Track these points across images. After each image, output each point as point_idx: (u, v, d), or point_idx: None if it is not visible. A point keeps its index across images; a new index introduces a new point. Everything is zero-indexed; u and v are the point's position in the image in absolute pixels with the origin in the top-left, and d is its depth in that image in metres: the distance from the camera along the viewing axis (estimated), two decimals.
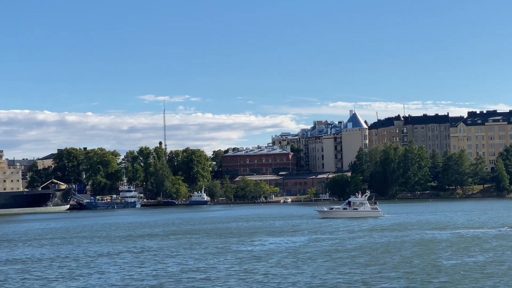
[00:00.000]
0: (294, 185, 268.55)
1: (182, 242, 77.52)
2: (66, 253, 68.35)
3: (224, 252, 64.47)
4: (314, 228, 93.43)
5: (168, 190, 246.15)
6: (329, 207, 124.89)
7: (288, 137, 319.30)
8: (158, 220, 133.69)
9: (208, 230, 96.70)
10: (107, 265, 57.33)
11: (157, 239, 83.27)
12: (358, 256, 58.32)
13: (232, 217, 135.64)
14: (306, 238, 77.11)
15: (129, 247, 73.11)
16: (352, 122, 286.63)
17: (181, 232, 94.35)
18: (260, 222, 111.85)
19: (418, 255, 58.23)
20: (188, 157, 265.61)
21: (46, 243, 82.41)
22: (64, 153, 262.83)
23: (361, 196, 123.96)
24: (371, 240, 72.10)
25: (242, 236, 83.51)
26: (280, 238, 79.25)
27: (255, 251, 64.60)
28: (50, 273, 53.68)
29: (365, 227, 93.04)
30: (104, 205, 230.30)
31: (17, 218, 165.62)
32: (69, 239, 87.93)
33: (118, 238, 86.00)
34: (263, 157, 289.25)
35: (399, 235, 77.58)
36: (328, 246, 66.86)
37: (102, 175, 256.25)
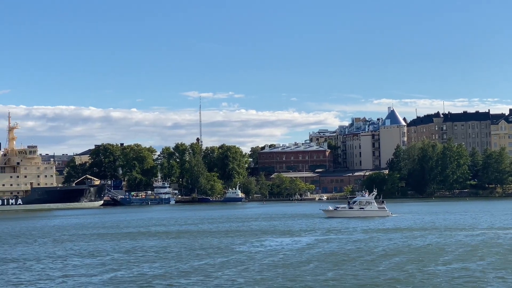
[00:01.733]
0: (330, 183, 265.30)
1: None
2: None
3: (206, 255, 61.07)
4: (306, 229, 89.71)
5: (203, 187, 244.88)
6: (335, 206, 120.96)
7: (326, 134, 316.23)
8: (173, 217, 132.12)
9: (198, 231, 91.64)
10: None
11: (154, 238, 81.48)
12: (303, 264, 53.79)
13: (241, 216, 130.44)
14: (289, 240, 72.86)
15: (114, 244, 71.41)
16: (390, 119, 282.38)
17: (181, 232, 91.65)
18: (258, 222, 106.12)
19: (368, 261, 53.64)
20: (223, 154, 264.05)
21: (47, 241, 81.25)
22: (101, 149, 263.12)
23: (368, 195, 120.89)
24: (339, 246, 66.13)
25: (226, 238, 78.32)
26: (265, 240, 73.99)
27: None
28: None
29: (361, 228, 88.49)
30: (138, 201, 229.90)
31: (47, 214, 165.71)
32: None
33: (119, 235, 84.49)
34: (300, 154, 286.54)
35: (382, 238, 73.21)
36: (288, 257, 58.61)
37: (137, 171, 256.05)
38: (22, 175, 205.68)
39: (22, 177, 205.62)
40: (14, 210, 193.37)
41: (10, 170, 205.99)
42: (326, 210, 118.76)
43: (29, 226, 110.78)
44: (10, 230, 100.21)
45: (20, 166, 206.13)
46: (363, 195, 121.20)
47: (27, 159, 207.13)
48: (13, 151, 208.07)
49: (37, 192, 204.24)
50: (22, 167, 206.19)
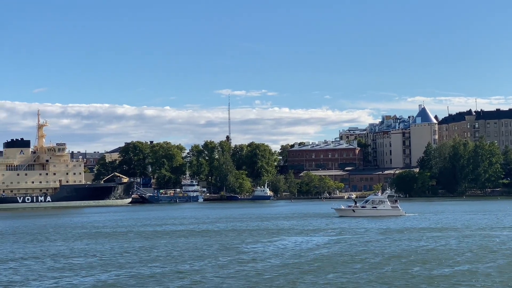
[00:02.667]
0: (360, 181, 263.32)
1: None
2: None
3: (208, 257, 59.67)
4: (311, 229, 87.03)
5: (231, 185, 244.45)
6: (347, 205, 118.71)
7: (356, 132, 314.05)
8: (193, 216, 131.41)
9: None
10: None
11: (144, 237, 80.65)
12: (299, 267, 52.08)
13: (258, 214, 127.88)
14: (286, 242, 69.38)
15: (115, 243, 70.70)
16: (421, 117, 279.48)
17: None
18: (266, 222, 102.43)
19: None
20: (252, 152, 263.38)
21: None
22: (130, 147, 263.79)
23: (382, 194, 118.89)
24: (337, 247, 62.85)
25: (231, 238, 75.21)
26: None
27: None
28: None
29: (365, 228, 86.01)
30: (167, 199, 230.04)
31: (76, 211, 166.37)
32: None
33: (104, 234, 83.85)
34: (329, 152, 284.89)
35: (385, 239, 70.37)
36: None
37: (166, 169, 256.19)
38: (51, 172, 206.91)
39: (51, 175, 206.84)
40: (43, 207, 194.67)
41: (39, 168, 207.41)
42: (338, 209, 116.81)
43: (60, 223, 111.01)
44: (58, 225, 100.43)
45: (49, 164, 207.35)
46: (376, 194, 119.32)
47: (56, 157, 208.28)
48: (42, 148, 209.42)
49: (65, 189, 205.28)
50: (51, 164, 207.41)
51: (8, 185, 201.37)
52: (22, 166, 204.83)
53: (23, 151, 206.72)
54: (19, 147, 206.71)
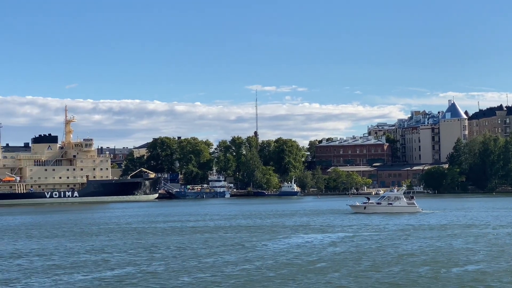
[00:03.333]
0: (388, 177, 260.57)
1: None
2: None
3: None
4: (320, 226, 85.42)
5: (259, 181, 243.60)
6: (362, 202, 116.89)
7: (385, 128, 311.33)
8: (216, 212, 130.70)
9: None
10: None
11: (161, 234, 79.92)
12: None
13: (263, 211, 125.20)
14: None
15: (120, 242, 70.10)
16: (451, 112, 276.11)
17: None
18: (280, 219, 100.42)
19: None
20: (279, 147, 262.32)
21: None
22: (158, 142, 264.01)
23: (397, 190, 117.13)
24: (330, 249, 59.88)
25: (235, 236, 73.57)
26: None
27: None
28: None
29: (376, 225, 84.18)
30: (193, 194, 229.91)
31: (102, 207, 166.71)
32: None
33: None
34: (357, 147, 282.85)
35: (392, 237, 68.45)
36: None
37: (194, 165, 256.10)
38: (78, 168, 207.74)
39: (78, 170, 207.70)
40: (70, 202, 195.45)
41: (66, 163, 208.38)
42: (353, 205, 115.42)
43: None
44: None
45: (76, 159, 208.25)
46: (392, 191, 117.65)
47: (83, 152, 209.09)
48: (69, 144, 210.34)
49: (92, 184, 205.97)
50: (78, 160, 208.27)
51: (36, 180, 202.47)
52: (50, 161, 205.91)
53: (51, 146, 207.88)
54: (47, 143, 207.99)
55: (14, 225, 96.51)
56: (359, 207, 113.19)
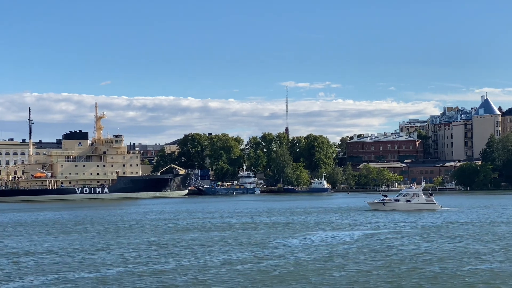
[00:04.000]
0: (420, 174, 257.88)
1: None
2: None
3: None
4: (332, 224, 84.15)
5: (289, 177, 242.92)
6: (380, 199, 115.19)
7: (417, 124, 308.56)
8: (240, 208, 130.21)
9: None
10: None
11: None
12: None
13: (279, 208, 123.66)
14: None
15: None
16: (484, 108, 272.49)
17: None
18: (293, 216, 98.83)
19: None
20: (310, 144, 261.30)
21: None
22: (189, 139, 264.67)
23: (416, 187, 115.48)
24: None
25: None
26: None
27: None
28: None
29: (390, 223, 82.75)
30: (223, 190, 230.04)
31: (133, 203, 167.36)
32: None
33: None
34: (389, 144, 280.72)
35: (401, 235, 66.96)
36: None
37: (224, 161, 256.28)
38: (108, 164, 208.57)
39: (108, 166, 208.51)
40: (100, 198, 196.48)
41: (97, 159, 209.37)
42: (371, 202, 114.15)
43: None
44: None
45: (106, 155, 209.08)
46: (410, 187, 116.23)
47: (113, 148, 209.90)
48: (100, 140, 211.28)
49: (122, 181, 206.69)
50: (109, 156, 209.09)
51: (66, 176, 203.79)
52: (80, 157, 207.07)
53: (81, 143, 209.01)
54: (78, 139, 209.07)
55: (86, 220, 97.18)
56: (377, 204, 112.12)
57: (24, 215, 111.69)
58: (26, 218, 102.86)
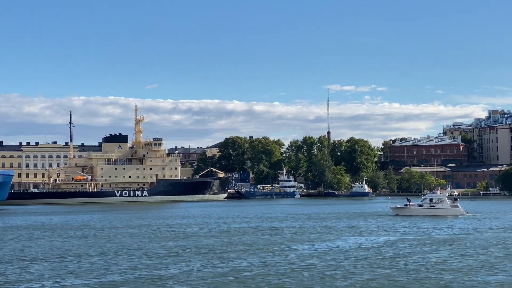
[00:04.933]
0: (463, 178, 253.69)
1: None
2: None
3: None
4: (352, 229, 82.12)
5: (329, 181, 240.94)
6: (403, 204, 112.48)
7: (461, 127, 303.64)
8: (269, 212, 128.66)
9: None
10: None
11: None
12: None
13: (303, 214, 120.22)
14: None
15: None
16: None
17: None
18: (314, 223, 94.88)
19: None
20: (351, 147, 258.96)
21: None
22: (229, 142, 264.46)
23: (441, 192, 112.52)
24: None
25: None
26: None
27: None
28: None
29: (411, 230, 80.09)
30: (263, 194, 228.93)
31: (172, 205, 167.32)
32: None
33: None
34: (432, 147, 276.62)
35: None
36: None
37: (265, 164, 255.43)
38: (147, 167, 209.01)
39: (147, 169, 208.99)
40: (140, 201, 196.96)
41: (136, 162, 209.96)
42: (394, 207, 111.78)
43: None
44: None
45: (146, 158, 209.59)
46: (434, 192, 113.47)
47: (152, 152, 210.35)
48: (139, 143, 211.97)
49: (162, 184, 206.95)
50: (148, 159, 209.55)
51: (106, 179, 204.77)
52: (120, 160, 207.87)
53: (121, 146, 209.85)
54: (118, 142, 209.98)
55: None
56: (400, 209, 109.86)
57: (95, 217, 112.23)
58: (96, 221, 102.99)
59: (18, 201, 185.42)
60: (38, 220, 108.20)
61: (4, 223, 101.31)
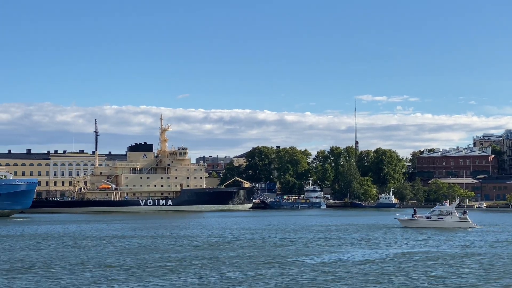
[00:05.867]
0: (493, 190, 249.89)
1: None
2: None
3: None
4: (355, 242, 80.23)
5: (356, 191, 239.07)
6: (411, 215, 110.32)
7: (491, 139, 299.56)
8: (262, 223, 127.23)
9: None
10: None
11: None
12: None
13: (309, 225, 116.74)
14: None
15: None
16: None
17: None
18: (311, 235, 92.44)
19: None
20: (378, 158, 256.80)
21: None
22: (256, 152, 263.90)
23: (449, 204, 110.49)
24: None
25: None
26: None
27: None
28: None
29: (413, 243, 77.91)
30: (288, 204, 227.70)
31: (196, 215, 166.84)
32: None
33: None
34: (460, 159, 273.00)
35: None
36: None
37: (291, 174, 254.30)
38: (172, 176, 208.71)
39: (172, 178, 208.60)
40: (164, 210, 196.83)
41: (161, 171, 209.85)
42: (401, 219, 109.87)
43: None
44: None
45: (170, 168, 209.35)
46: (443, 204, 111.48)
47: (177, 161, 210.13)
48: (164, 152, 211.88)
49: (186, 193, 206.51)
50: (173, 168, 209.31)
51: (131, 188, 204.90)
52: (145, 169, 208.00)
53: (146, 155, 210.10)
54: (142, 151, 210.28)
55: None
56: (408, 221, 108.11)
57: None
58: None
59: (43, 209, 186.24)
60: (52, 229, 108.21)
61: (13, 231, 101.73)
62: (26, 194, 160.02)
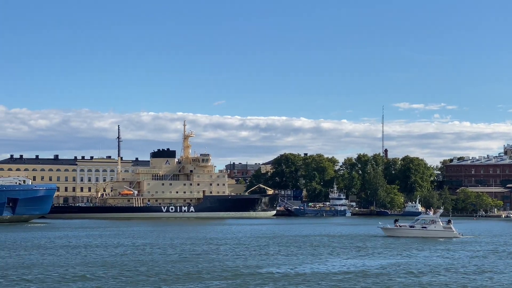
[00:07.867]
0: None
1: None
2: None
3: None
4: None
5: (382, 199, 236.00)
6: (394, 224, 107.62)
7: None
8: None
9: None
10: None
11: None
12: None
13: (299, 235, 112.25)
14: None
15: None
16: None
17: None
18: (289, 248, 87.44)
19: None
20: (406, 166, 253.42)
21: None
22: (283, 159, 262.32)
23: (433, 213, 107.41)
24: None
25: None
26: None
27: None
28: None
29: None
30: (313, 212, 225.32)
31: (217, 222, 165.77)
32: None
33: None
34: (490, 167, 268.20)
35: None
36: None
37: (317, 182, 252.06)
38: (195, 182, 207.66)
39: (195, 185, 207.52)
40: (186, 217, 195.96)
41: (184, 178, 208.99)
42: (385, 228, 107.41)
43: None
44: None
45: (193, 174, 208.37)
46: (427, 213, 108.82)
47: (200, 167, 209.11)
48: (187, 159, 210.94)
49: (209, 200, 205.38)
50: (195, 175, 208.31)
51: (153, 194, 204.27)
52: (167, 176, 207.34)
53: (168, 161, 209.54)
54: (165, 157, 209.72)
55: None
56: (391, 230, 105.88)
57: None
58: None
59: (63, 215, 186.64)
60: (65, 234, 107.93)
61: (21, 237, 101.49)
62: (44, 199, 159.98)
